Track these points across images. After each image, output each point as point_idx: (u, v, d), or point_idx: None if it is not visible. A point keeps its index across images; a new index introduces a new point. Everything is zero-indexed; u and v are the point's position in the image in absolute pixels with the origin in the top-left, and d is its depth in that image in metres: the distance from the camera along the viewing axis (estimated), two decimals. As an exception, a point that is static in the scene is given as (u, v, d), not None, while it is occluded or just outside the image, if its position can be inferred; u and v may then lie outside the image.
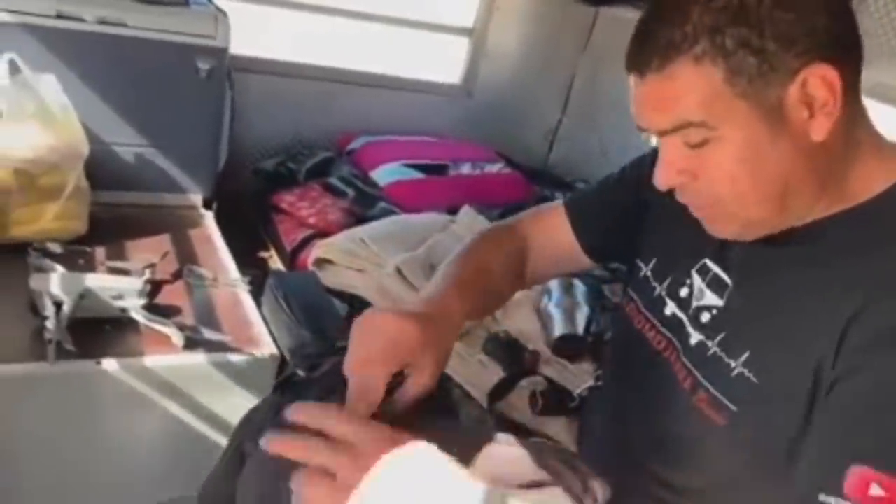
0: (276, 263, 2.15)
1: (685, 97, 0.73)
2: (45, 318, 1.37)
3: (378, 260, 1.83)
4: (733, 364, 0.80)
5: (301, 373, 1.09)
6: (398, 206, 2.27)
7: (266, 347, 1.53)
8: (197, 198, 2.07)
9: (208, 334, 1.50)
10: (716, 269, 0.87)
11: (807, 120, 0.73)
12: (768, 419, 0.76)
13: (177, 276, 1.68)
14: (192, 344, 1.46)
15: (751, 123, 0.73)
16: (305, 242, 2.05)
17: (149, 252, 1.73)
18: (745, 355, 0.79)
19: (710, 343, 0.84)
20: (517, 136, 3.01)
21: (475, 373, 1.61)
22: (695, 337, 0.86)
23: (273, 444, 0.69)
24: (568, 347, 1.67)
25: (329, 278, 1.84)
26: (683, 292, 0.90)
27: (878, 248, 0.74)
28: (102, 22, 1.80)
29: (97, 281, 1.47)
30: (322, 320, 1.61)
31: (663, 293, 0.93)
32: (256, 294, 1.72)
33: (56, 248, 1.63)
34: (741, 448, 0.80)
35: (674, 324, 0.90)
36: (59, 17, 1.76)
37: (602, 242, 1.07)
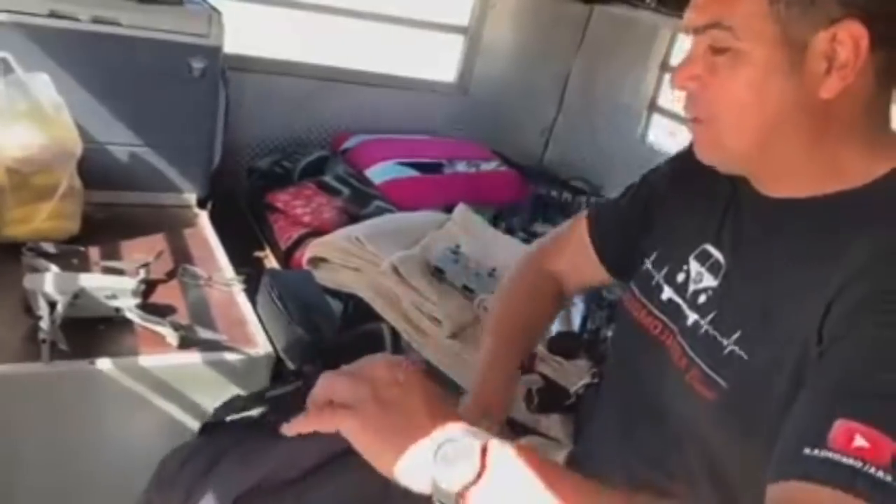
0: (270, 262, 2.14)
1: (739, 0, 0.76)
2: (39, 317, 1.36)
3: (373, 258, 1.83)
4: (725, 342, 0.82)
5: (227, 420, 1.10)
6: (393, 205, 2.27)
7: (261, 346, 1.53)
8: (191, 197, 2.06)
9: (203, 333, 1.49)
10: (714, 251, 0.90)
11: (822, 74, 0.74)
12: (758, 395, 0.78)
13: (171, 275, 1.68)
14: (186, 343, 1.46)
15: (773, 50, 0.75)
16: (300, 241, 2.05)
17: (143, 251, 1.72)
18: (737, 334, 0.81)
19: (703, 322, 0.86)
20: (512, 134, 3.01)
21: (471, 372, 1.61)
22: (691, 318, 0.89)
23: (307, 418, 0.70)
24: (564, 345, 1.67)
25: (324, 277, 1.84)
26: (680, 277, 0.92)
27: (866, 230, 0.74)
28: (96, 21, 1.79)
29: (91, 280, 1.46)
30: (317, 319, 1.61)
31: (661, 280, 0.95)
32: (251, 293, 1.71)
33: (50, 247, 1.62)
34: (730, 423, 0.81)
35: (670, 308, 0.92)
36: (53, 15, 1.75)
37: (624, 262, 1.08)
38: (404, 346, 1.68)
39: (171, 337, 1.44)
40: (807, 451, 0.63)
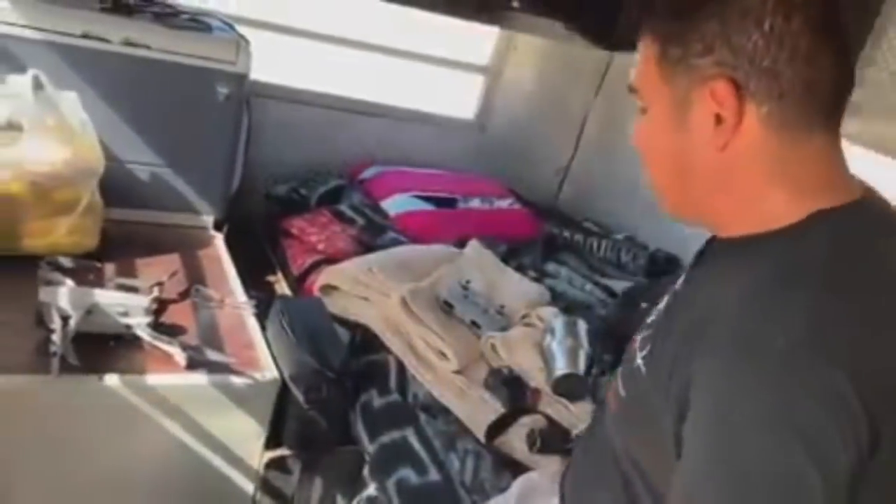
0: (282, 287, 2.16)
1: (641, 65, 0.85)
2: (51, 330, 1.38)
3: (384, 289, 1.84)
4: (636, 358, 0.90)
5: None
6: (407, 237, 2.28)
7: (268, 371, 1.54)
8: (209, 219, 2.09)
9: (211, 355, 1.51)
10: (678, 284, 0.96)
11: (711, 129, 0.79)
12: (646, 407, 0.84)
13: (184, 295, 1.70)
14: (194, 364, 1.47)
15: (667, 108, 0.82)
16: (313, 268, 2.06)
17: (158, 270, 1.75)
18: (646, 350, 0.89)
19: (636, 349, 0.93)
20: (528, 173, 3.03)
21: (475, 408, 1.61)
22: (640, 350, 0.94)
23: None
24: (569, 387, 1.67)
25: (334, 305, 1.85)
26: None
27: (743, 275, 0.77)
28: (127, 44, 1.84)
29: (105, 297, 1.49)
30: (325, 347, 1.62)
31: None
32: (261, 317, 1.73)
33: (67, 262, 1.65)
34: (624, 432, 0.91)
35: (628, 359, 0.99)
36: (85, 37, 1.80)
37: None
38: (409, 379, 1.69)
39: (180, 357, 1.46)
40: None
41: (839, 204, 0.79)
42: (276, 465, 1.61)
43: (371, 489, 1.46)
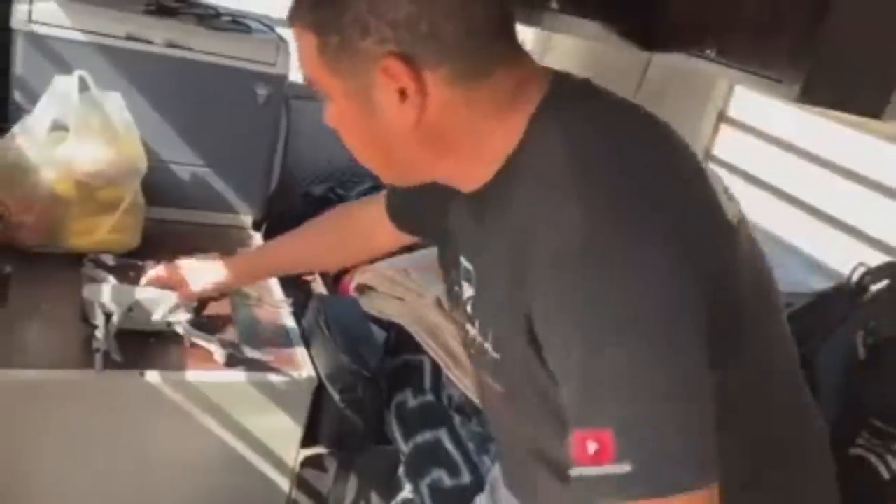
0: (318, 287, 2.18)
1: (301, 56, 0.80)
2: (94, 327, 1.41)
3: (419, 289, 1.84)
4: (487, 346, 0.84)
5: None
6: (442, 238, 2.28)
7: (305, 370, 1.55)
8: (247, 219, 2.12)
9: (249, 353, 1.52)
10: (464, 261, 0.90)
11: (398, 106, 0.76)
12: (523, 390, 0.81)
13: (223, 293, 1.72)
14: (233, 361, 1.49)
15: (347, 98, 0.79)
16: (349, 268, 2.07)
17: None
18: (490, 337, 0.84)
19: (475, 333, 0.87)
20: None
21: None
22: (470, 332, 0.89)
23: None
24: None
25: (370, 304, 1.86)
26: (461, 294, 0.92)
27: (512, 202, 0.77)
28: (170, 45, 1.87)
29: (146, 293, 1.51)
30: (361, 347, 1.63)
31: (457, 302, 0.95)
32: (298, 315, 1.75)
33: (109, 259, 1.68)
34: (522, 419, 0.87)
35: (462, 326, 0.93)
36: (129, 38, 1.83)
37: (404, 213, 1.17)
38: (443, 380, 1.69)
39: (219, 354, 1.48)
40: (572, 472, 0.67)
41: (539, 100, 0.79)
42: (312, 463, 1.62)
43: (406, 491, 1.47)
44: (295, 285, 2.05)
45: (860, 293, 1.32)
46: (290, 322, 1.70)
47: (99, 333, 1.39)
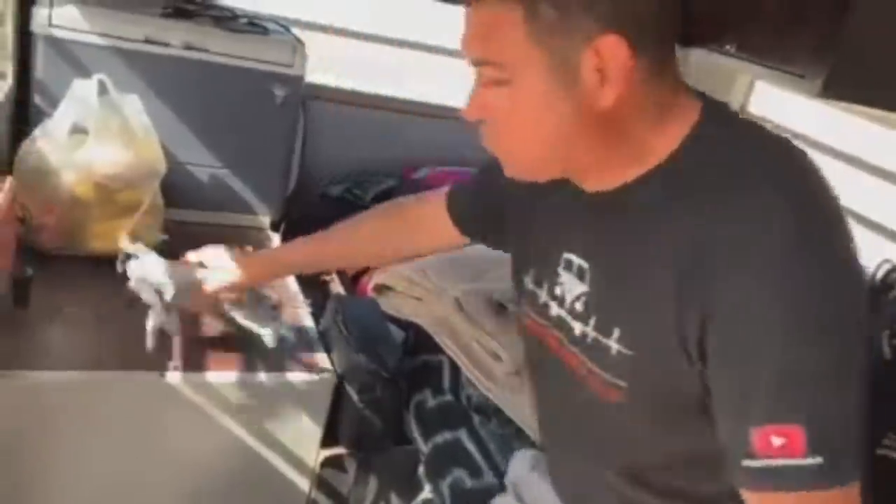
0: (336, 287, 2.18)
1: (491, 34, 0.78)
2: (147, 306, 1.37)
3: (437, 290, 1.84)
4: (610, 343, 0.84)
5: None
6: (460, 237, 2.28)
7: (324, 370, 1.56)
8: (265, 220, 2.13)
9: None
10: (574, 258, 0.91)
11: (597, 86, 0.76)
12: (659, 387, 0.82)
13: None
14: (252, 364, 1.49)
15: (544, 75, 0.77)
16: (367, 268, 2.07)
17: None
18: (616, 333, 0.84)
19: (587, 329, 0.87)
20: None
21: (530, 410, 1.60)
22: (577, 328, 0.89)
23: None
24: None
25: (388, 305, 1.86)
26: (558, 291, 0.93)
27: (681, 206, 0.78)
28: (187, 47, 1.88)
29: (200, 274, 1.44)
30: (379, 347, 1.63)
31: (546, 298, 0.96)
32: (317, 316, 1.75)
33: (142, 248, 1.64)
34: (641, 423, 0.86)
35: (559, 322, 0.93)
36: (147, 41, 1.84)
37: (469, 215, 1.19)
38: (462, 380, 1.68)
39: (269, 338, 1.47)
40: (744, 463, 0.73)
41: (696, 114, 0.81)
42: (332, 463, 1.62)
43: (426, 491, 1.47)
44: (314, 286, 2.06)
45: (886, 291, 1.30)
46: (308, 322, 1.70)
47: (154, 312, 1.37)
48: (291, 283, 1.84)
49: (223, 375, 1.46)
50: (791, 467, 0.70)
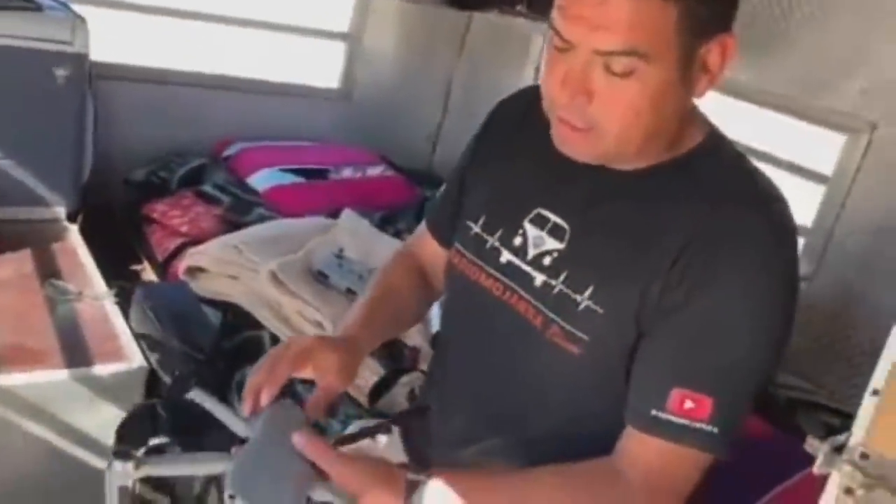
0: (149, 275, 2.09)
1: (641, 24, 0.79)
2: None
3: (252, 266, 1.81)
4: (580, 298, 0.90)
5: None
6: (276, 212, 2.24)
7: (134, 360, 1.50)
8: (60, 210, 1.99)
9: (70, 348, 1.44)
10: (551, 215, 0.96)
11: (705, 79, 0.85)
12: (615, 345, 0.90)
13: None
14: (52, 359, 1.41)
15: (673, 69, 0.82)
16: (178, 252, 2.00)
17: (8, 269, 1.65)
18: (589, 290, 0.90)
19: (554, 282, 0.93)
20: (399, 139, 3.02)
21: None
22: (538, 279, 0.94)
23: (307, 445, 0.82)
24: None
25: (202, 287, 1.81)
26: (517, 241, 0.98)
27: (695, 196, 0.88)
28: (-54, 28, 1.71)
29: None
30: (192, 330, 1.58)
31: (496, 244, 0.99)
32: (125, 307, 1.67)
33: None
34: (591, 374, 0.92)
35: (511, 270, 0.97)
36: None
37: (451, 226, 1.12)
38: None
39: None
40: (653, 412, 0.84)
41: (708, 126, 0.93)
42: (156, 453, 1.56)
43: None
44: (122, 276, 1.96)
45: None
46: (114, 313, 1.63)
47: None
48: (93, 273, 1.74)
49: (20, 377, 1.37)
50: (690, 428, 0.83)
